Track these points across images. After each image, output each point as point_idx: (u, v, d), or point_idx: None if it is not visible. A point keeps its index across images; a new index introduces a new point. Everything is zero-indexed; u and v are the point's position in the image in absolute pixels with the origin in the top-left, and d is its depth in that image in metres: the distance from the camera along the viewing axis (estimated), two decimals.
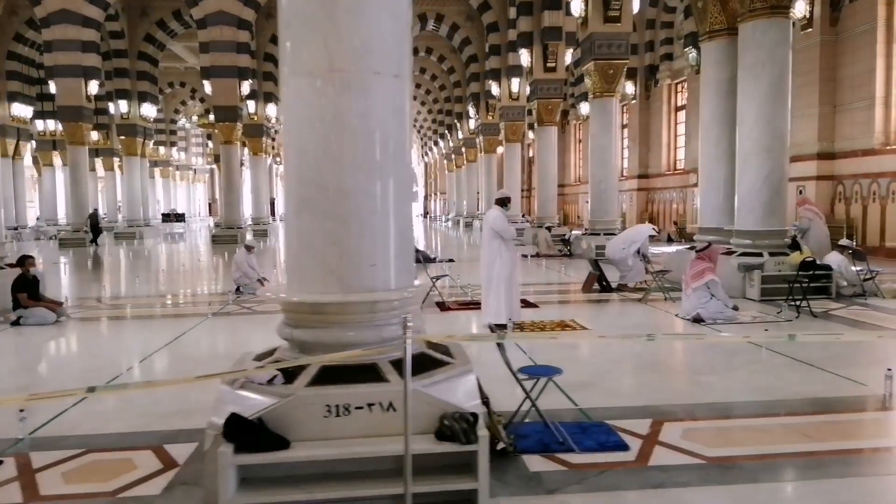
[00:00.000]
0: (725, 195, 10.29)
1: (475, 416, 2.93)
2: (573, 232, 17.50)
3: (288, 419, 2.95)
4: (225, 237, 24.23)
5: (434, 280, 8.93)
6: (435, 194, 58.76)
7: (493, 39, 26.12)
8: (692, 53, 21.11)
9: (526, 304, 8.88)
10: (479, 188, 33.10)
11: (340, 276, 3.30)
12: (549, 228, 17.65)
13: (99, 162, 35.30)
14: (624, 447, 3.71)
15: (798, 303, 7.75)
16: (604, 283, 10.00)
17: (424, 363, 3.40)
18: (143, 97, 29.66)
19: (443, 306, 8.72)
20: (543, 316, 7.90)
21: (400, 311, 3.49)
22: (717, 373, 5.32)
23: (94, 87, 23.22)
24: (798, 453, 3.62)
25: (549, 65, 20.67)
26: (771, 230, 9.32)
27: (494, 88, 26.36)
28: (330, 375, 3.16)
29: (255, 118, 29.62)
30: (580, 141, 34.82)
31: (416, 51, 35.51)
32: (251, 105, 28.82)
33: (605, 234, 15.72)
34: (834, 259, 9.08)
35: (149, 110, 30.18)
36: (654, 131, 25.27)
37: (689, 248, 11.14)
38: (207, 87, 24.72)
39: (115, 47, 28.59)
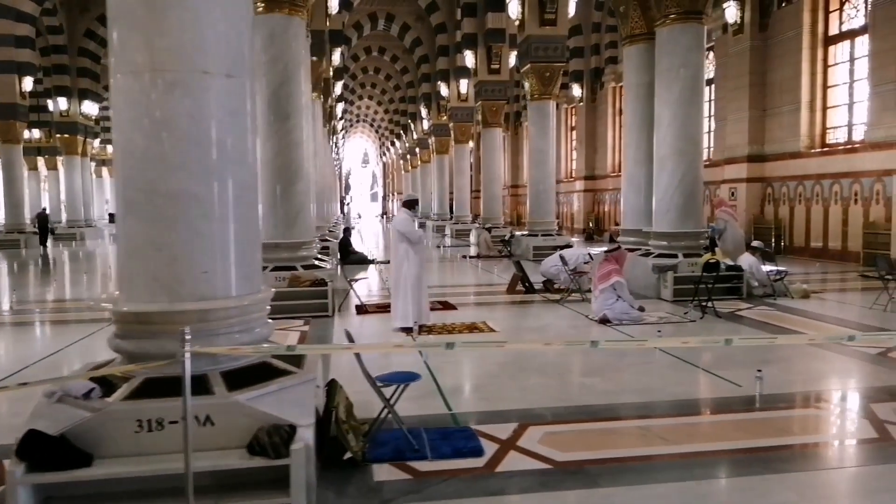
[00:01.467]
0: (646, 197, 10.46)
1: (292, 428, 2.85)
2: (514, 233, 17.56)
3: (96, 435, 2.82)
4: None
5: (351, 282, 8.81)
6: (393, 194, 58.49)
7: (442, 40, 26.13)
8: None
9: (445, 305, 8.86)
10: (431, 189, 33.12)
11: (167, 283, 3.17)
12: (489, 230, 17.67)
13: (42, 161, 34.10)
14: (479, 453, 3.68)
15: (703, 304, 7.89)
16: (527, 283, 10.04)
17: (265, 373, 3.31)
18: (83, 94, 28.73)
19: (361, 309, 8.61)
20: (459, 318, 7.87)
21: (240, 319, 3.39)
22: (602, 374, 5.36)
23: (28, 83, 22.40)
24: (648, 456, 3.64)
25: (493, 66, 20.77)
26: (686, 232, 9.50)
27: (443, 89, 26.37)
28: (156, 388, 3.04)
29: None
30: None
31: (368, 50, 35.41)
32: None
33: (542, 235, 15.87)
34: (746, 260, 9.30)
35: (90, 108, 29.28)
36: (599, 133, 25.60)
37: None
38: None
39: (54, 43, 27.65)
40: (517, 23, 16.14)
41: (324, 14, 14.45)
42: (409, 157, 42.31)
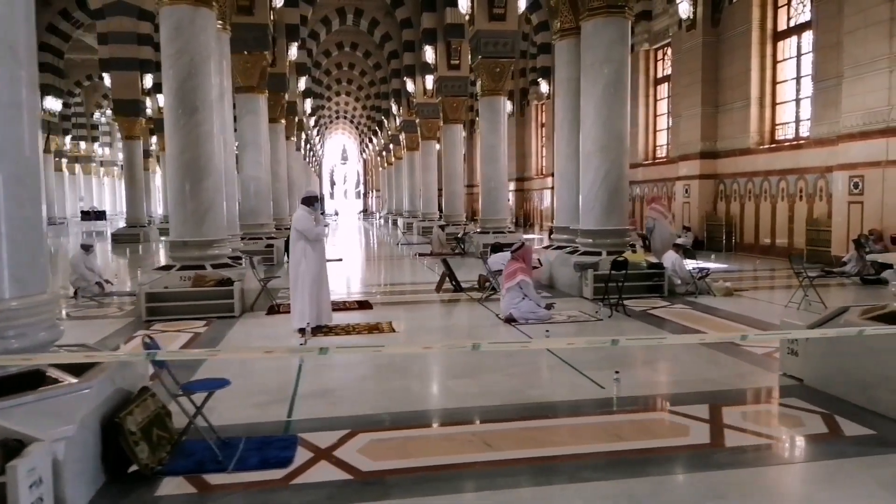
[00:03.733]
0: (578, 193, 10.31)
1: (20, 443, 2.65)
2: (468, 230, 17.40)
3: None
4: (127, 236, 23.35)
5: (263, 283, 8.60)
6: (374, 191, 58.23)
7: (407, 35, 25.89)
8: None
9: (362, 305, 8.68)
10: (403, 185, 32.89)
11: None
12: (443, 227, 17.50)
13: None
14: (286, 463, 3.50)
15: (612, 302, 7.76)
16: (454, 282, 9.87)
17: (31, 382, 3.11)
18: (45, 90, 28.25)
19: (273, 309, 8.39)
20: (367, 318, 7.68)
21: (11, 323, 3.19)
22: (474, 377, 5.20)
23: None
24: (463, 464, 3.47)
25: (453, 62, 20.55)
26: (610, 229, 9.37)
27: (409, 85, 26.13)
28: None
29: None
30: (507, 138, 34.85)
31: (340, 46, 35.07)
32: (161, 99, 27.79)
33: (494, 232, 15.72)
34: (668, 258, 9.18)
35: (53, 104, 28.80)
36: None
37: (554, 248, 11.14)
38: (107, 79, 23.76)
39: None
40: (467, 18, 15.95)
41: (266, 7, 14.18)
42: (384, 153, 42.04)
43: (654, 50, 19.53)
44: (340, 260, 15.38)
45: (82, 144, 46.33)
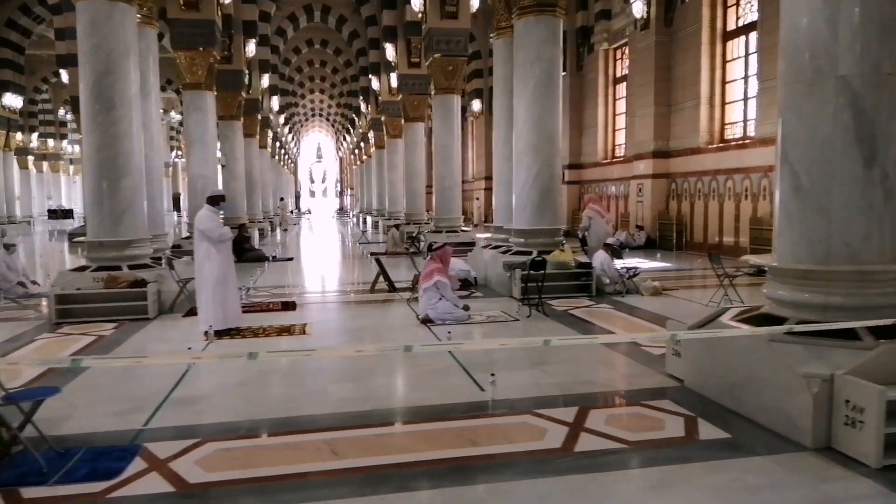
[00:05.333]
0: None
1: None
2: (422, 230, 17.29)
3: None
4: (84, 234, 22.93)
5: (182, 284, 8.43)
6: (349, 189, 57.93)
7: (372, 33, 25.69)
8: None
9: (285, 306, 8.55)
10: (373, 183, 32.72)
11: None
12: (398, 226, 17.39)
13: None
14: (114, 474, 3.38)
15: (531, 302, 7.71)
16: (388, 282, 9.77)
17: None
18: (5, 86, 27.71)
19: (192, 311, 8.19)
20: (283, 320, 7.54)
21: None
22: (355, 380, 5.12)
23: None
24: (299, 474, 3.37)
25: (413, 60, 20.39)
26: (541, 229, 9.32)
27: (374, 83, 25.96)
28: None
29: None
30: (475, 138, 34.84)
31: (310, 43, 34.79)
32: None
33: (447, 232, 15.66)
34: (598, 258, 9.15)
35: (13, 101, 28.25)
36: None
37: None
38: (64, 76, 23.32)
39: None
40: (420, 16, 15.84)
41: (213, 3, 13.95)
42: (357, 151, 41.83)
43: (613, 49, 19.56)
44: (291, 259, 15.23)
45: (50, 142, 45.54)
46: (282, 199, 32.91)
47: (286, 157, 47.77)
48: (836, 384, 3.50)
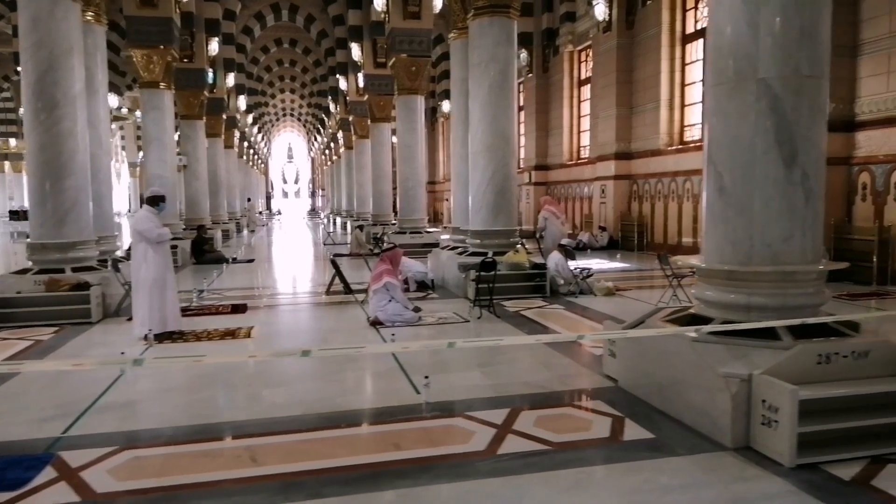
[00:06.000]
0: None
1: None
2: (386, 231, 17.20)
3: None
4: None
5: (127, 287, 8.23)
6: (320, 190, 57.52)
7: (340, 32, 25.52)
8: (522, 53, 21.42)
9: (235, 309, 8.40)
10: (343, 184, 32.52)
11: None
12: (361, 227, 17.29)
13: None
14: (21, 485, 3.26)
15: (481, 303, 7.70)
16: (343, 283, 9.68)
17: None
18: None
19: None
20: (229, 323, 7.38)
21: None
22: (290, 384, 5.04)
23: None
24: (212, 482, 3.29)
25: (379, 60, 20.29)
26: (497, 230, 9.32)
27: (342, 83, 25.80)
28: None
29: None
30: (446, 138, 34.83)
31: (279, 42, 34.44)
32: None
33: (411, 233, 15.60)
34: (552, 259, 9.19)
35: None
36: None
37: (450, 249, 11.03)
38: None
39: None
40: (384, 16, 15.76)
41: (171, 1, 13.69)
42: (327, 151, 41.55)
43: (578, 51, 19.71)
44: (252, 261, 15.01)
45: (12, 141, 44.41)
46: (249, 199, 32.47)
47: (256, 157, 47.24)
48: (754, 384, 3.54)
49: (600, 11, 16.26)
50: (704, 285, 4.30)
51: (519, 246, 9.32)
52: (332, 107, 31.80)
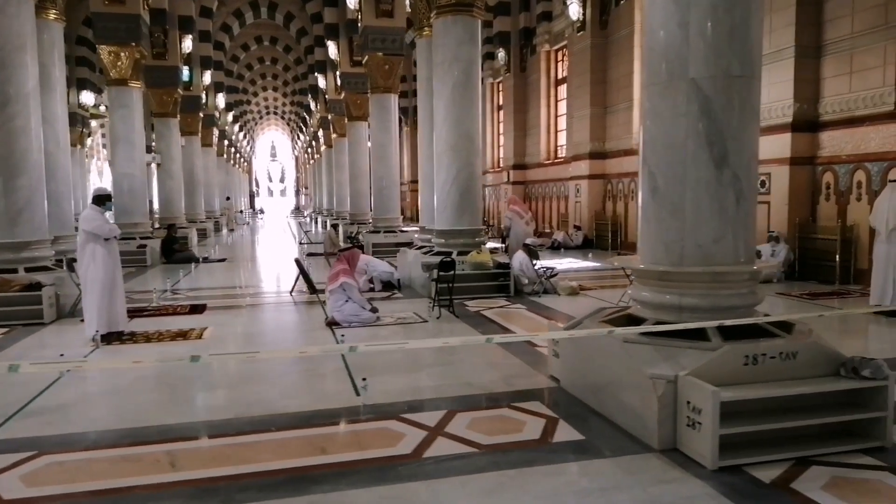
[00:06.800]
0: None
1: None
2: (360, 230, 17.11)
3: None
4: None
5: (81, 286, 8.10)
6: (304, 188, 57.24)
7: (318, 30, 25.34)
8: (500, 53, 21.42)
9: (194, 309, 8.31)
10: (324, 182, 32.37)
11: None
12: (335, 226, 17.20)
13: None
14: None
15: (440, 303, 7.66)
16: (308, 284, 9.61)
17: None
18: None
19: None
20: (182, 324, 7.28)
21: None
22: (232, 387, 4.98)
23: None
24: (122, 488, 3.22)
25: (355, 59, 20.17)
26: (461, 229, 9.29)
27: (321, 81, 25.64)
28: None
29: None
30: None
31: (259, 40, 34.19)
32: None
33: (385, 232, 15.52)
34: (517, 258, 9.17)
35: None
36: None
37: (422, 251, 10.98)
38: None
39: None
40: (356, 13, 15.67)
41: None
42: (309, 150, 41.32)
43: (555, 51, 19.72)
44: (224, 260, 14.87)
45: None
46: (228, 198, 32.18)
47: (238, 156, 46.91)
48: (680, 385, 3.52)
49: (574, 11, 16.29)
50: (640, 286, 4.29)
51: (483, 245, 9.28)
52: (312, 105, 31.60)
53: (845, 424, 3.64)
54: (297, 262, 9.77)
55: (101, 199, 6.56)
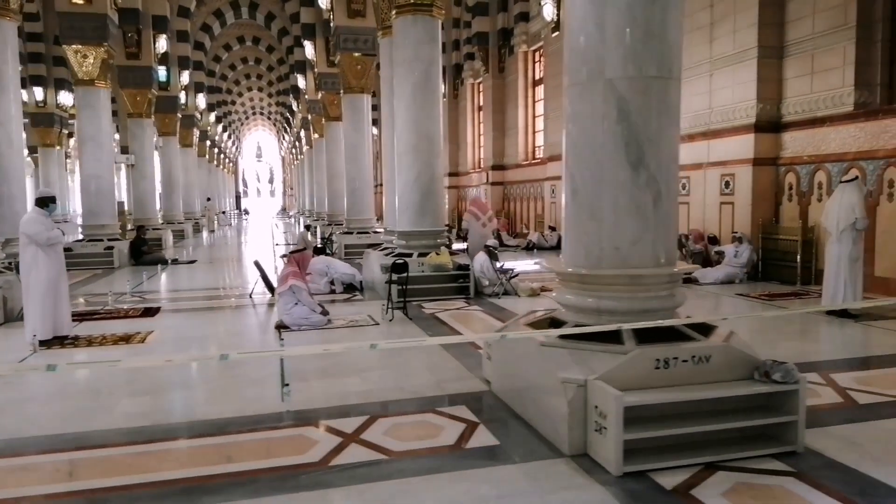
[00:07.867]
0: None
1: None
2: (333, 231, 17.02)
3: None
4: None
5: None
6: (289, 189, 57.01)
7: (297, 30, 25.19)
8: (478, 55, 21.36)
9: (146, 312, 8.21)
10: (306, 183, 32.22)
11: None
12: (308, 227, 17.10)
13: None
14: None
15: (394, 305, 7.60)
16: (268, 286, 9.51)
17: None
18: None
19: None
20: (127, 328, 7.16)
21: None
22: (157, 393, 4.89)
23: None
24: (19, 498, 3.14)
25: (331, 59, 20.07)
26: (422, 231, 9.23)
27: (300, 81, 25.52)
28: None
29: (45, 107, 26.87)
30: None
31: (241, 40, 34.00)
32: (38, 92, 26.11)
33: (357, 233, 15.43)
34: (478, 260, 9.12)
35: None
36: (461, 130, 25.46)
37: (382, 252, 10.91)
38: None
39: None
40: (328, 13, 15.59)
41: None
42: (293, 150, 41.16)
43: (532, 51, 19.70)
44: (194, 262, 14.73)
45: None
46: (209, 199, 31.98)
47: (222, 156, 46.64)
48: (589, 389, 3.48)
49: (549, 11, 16.26)
50: (564, 289, 4.24)
51: (444, 247, 9.22)
52: (294, 105, 31.46)
53: (761, 429, 3.60)
54: (257, 264, 9.67)
55: (45, 202, 6.45)
